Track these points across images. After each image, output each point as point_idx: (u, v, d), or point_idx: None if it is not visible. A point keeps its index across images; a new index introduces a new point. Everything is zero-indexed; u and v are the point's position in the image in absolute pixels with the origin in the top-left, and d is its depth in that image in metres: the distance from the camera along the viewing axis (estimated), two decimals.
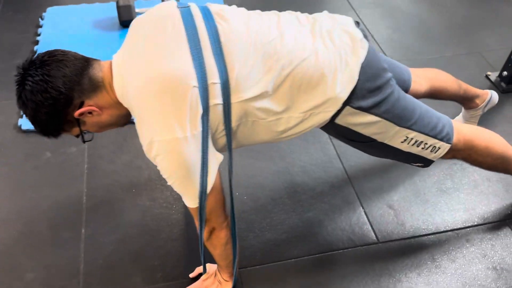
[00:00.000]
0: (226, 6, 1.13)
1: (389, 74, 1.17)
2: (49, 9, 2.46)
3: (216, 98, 1.00)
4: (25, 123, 1.83)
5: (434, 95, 1.61)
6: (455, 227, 1.54)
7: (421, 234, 1.52)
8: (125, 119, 1.12)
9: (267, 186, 1.66)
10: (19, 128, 1.83)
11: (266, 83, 1.04)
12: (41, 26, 2.34)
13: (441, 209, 1.60)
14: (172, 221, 1.54)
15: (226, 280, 1.33)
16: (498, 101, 2.00)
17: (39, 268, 1.40)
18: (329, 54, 1.09)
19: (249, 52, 1.03)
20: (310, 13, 1.23)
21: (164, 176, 1.04)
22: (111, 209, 1.57)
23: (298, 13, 1.20)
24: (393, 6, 2.64)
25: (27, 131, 1.81)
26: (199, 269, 1.39)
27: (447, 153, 1.28)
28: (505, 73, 2.07)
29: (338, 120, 1.14)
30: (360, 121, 1.15)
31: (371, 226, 1.54)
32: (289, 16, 1.16)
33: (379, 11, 2.59)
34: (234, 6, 1.15)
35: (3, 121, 1.87)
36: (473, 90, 1.75)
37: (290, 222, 1.55)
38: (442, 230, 1.53)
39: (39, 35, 2.28)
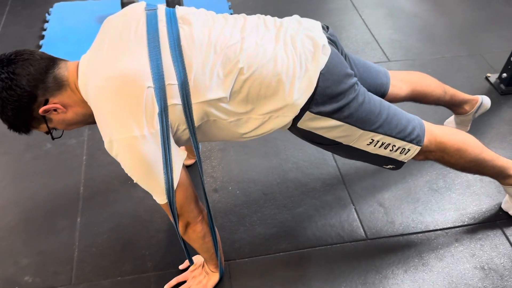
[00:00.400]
0: (193, 10, 1.16)
1: (353, 80, 1.17)
2: (56, 5, 2.52)
3: (174, 98, 1.03)
4: None
5: (417, 99, 1.60)
6: (445, 227, 1.55)
7: (410, 232, 1.53)
8: (92, 117, 1.12)
9: (259, 181, 1.69)
10: None
11: (226, 86, 1.07)
12: (47, 21, 2.40)
13: (431, 208, 1.60)
14: (164, 213, 1.55)
15: (213, 271, 1.36)
16: (497, 102, 2.00)
17: (34, 254, 1.45)
18: (288, 60, 1.10)
19: (209, 56, 1.06)
20: (311, 13, 1.25)
21: (128, 174, 1.06)
22: (107, 199, 1.61)
23: (268, 17, 1.21)
24: (396, 7, 2.64)
25: None
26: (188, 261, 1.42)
27: (418, 155, 1.29)
28: (504, 75, 2.06)
29: (300, 124, 1.16)
30: (322, 125, 1.17)
31: (361, 223, 1.56)
32: (257, 21, 1.17)
33: (382, 12, 2.60)
34: (202, 10, 1.18)
35: None
36: (461, 96, 1.70)
37: (281, 217, 1.57)
38: (431, 229, 1.54)
39: (45, 30, 2.34)
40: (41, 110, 1.05)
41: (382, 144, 1.23)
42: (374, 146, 1.23)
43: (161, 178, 1.05)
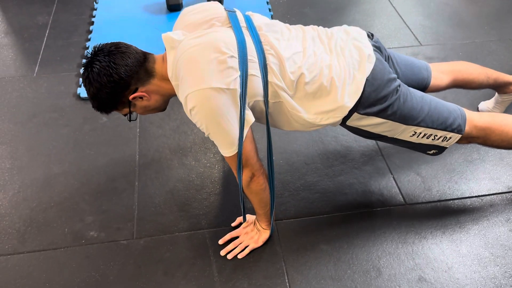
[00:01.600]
0: (263, 19, 1.32)
1: (395, 83, 1.31)
2: None
3: (254, 70, 1.18)
4: (84, 92, 2.02)
5: (459, 86, 1.69)
6: (480, 194, 1.63)
7: (447, 198, 1.62)
8: (165, 104, 1.34)
9: (301, 152, 1.80)
10: (78, 96, 2.03)
11: (290, 82, 1.22)
12: (95, 9, 2.55)
13: (467, 178, 1.69)
14: (215, 178, 1.69)
15: (264, 229, 1.47)
16: None
17: (98, 212, 1.58)
18: (340, 69, 1.27)
19: (280, 56, 1.22)
20: (345, 1, 1.36)
21: (200, 127, 1.19)
22: (161, 167, 1.74)
23: (320, 28, 1.37)
24: None
25: (85, 99, 2.01)
26: (240, 219, 1.53)
27: (461, 140, 1.40)
28: None
29: (349, 123, 1.33)
30: (368, 123, 1.32)
31: (399, 190, 1.65)
32: (312, 33, 1.34)
33: (413, 0, 2.69)
34: (269, 19, 1.33)
35: (63, 90, 2.07)
36: (506, 77, 1.78)
37: (322, 184, 1.68)
38: (467, 196, 1.63)
39: (94, 17, 2.49)
40: (131, 96, 1.22)
41: (425, 135, 1.36)
42: (417, 137, 1.36)
43: (231, 130, 1.17)
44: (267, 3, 2.61)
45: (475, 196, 1.63)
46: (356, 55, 1.29)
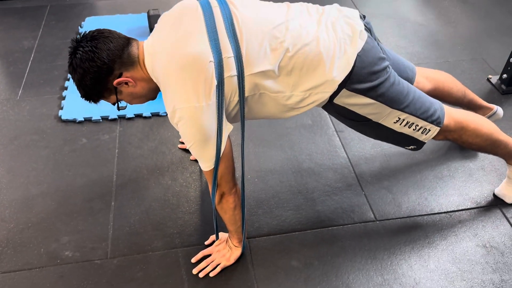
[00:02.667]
0: None
1: (385, 63, 1.32)
2: (87, 19, 2.75)
3: (230, 71, 1.19)
4: (65, 114, 2.07)
5: (438, 97, 1.70)
6: (449, 210, 1.67)
7: (416, 214, 1.66)
8: (154, 93, 1.32)
9: (276, 170, 1.84)
10: (59, 118, 2.07)
11: (273, 61, 1.22)
12: (80, 33, 2.62)
13: (436, 194, 1.73)
14: (190, 197, 1.72)
15: (236, 246, 1.50)
16: (498, 101, 2.13)
17: (73, 232, 1.61)
18: (329, 42, 1.25)
19: (257, 34, 1.21)
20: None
21: (184, 140, 1.23)
22: (138, 186, 1.77)
23: (309, 4, 1.36)
24: (402, 17, 2.81)
25: (66, 121, 2.05)
26: (213, 237, 1.56)
27: (438, 134, 1.43)
28: (504, 76, 2.20)
29: (336, 100, 1.31)
30: (356, 102, 1.31)
31: (370, 206, 1.69)
32: (299, 7, 1.33)
33: (389, 22, 2.77)
34: None
35: (45, 112, 2.11)
36: (479, 102, 1.84)
37: (295, 201, 1.71)
38: (436, 211, 1.67)
39: None
40: (115, 82, 1.22)
41: (407, 123, 1.37)
42: (400, 124, 1.37)
43: (212, 146, 1.21)
44: None
45: (444, 212, 1.66)
46: (348, 30, 1.28)
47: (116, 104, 1.31)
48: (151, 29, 2.56)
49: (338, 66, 1.25)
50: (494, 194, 1.71)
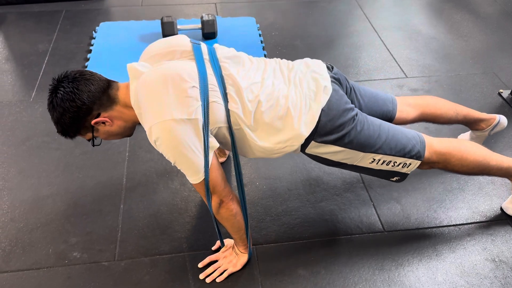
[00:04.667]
0: (227, 50, 1.37)
1: (352, 113, 1.36)
2: (102, 24, 2.79)
3: (216, 97, 1.23)
4: None
5: (427, 120, 1.72)
6: (458, 223, 1.66)
7: (425, 226, 1.65)
8: (130, 131, 1.37)
9: (284, 178, 1.84)
10: None
11: (248, 113, 1.28)
12: (94, 38, 2.66)
13: (445, 206, 1.72)
14: (198, 202, 1.73)
15: (242, 252, 1.50)
16: (509, 116, 2.11)
17: (82, 234, 1.62)
18: (297, 99, 1.32)
19: (240, 83, 1.29)
20: (335, 34, 1.43)
21: (166, 156, 1.23)
22: (147, 190, 1.78)
23: (283, 61, 1.44)
24: (414, 29, 2.82)
25: None
26: (219, 243, 1.56)
27: (422, 165, 1.44)
28: None
29: (308, 150, 1.38)
30: (327, 151, 1.37)
31: (378, 217, 1.68)
32: (274, 65, 1.40)
33: (400, 34, 2.78)
34: (232, 50, 1.38)
35: None
36: (476, 115, 1.80)
37: (304, 210, 1.71)
38: (445, 224, 1.66)
39: (92, 45, 2.59)
40: (93, 121, 1.26)
41: (384, 161, 1.40)
42: (377, 164, 1.40)
43: (195, 158, 1.21)
44: (259, 35, 2.71)
45: (453, 225, 1.65)
46: (313, 86, 1.35)
47: (92, 141, 1.34)
48: (164, 36, 2.60)
49: (305, 121, 1.32)
50: (501, 208, 1.69)
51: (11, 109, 2.17)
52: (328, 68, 1.44)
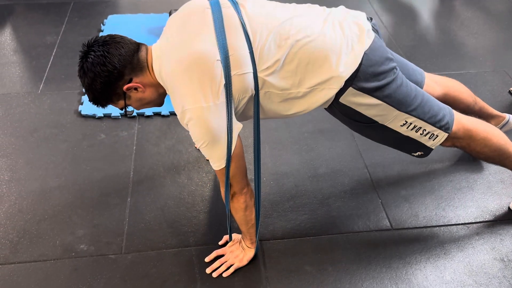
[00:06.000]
0: None
1: (393, 64, 1.31)
2: (110, 17, 2.78)
3: (238, 69, 1.18)
4: (85, 109, 2.09)
5: (448, 103, 1.65)
6: (467, 221, 1.65)
7: (433, 225, 1.64)
8: (161, 98, 1.33)
9: (292, 174, 1.83)
10: (79, 113, 2.09)
11: (279, 58, 1.21)
12: (102, 31, 2.65)
13: (454, 205, 1.70)
14: (206, 197, 1.72)
15: (248, 247, 1.49)
16: None
17: (89, 226, 1.62)
18: (336, 38, 1.24)
19: (263, 31, 1.22)
20: None
21: (194, 140, 1.22)
22: (154, 184, 1.78)
23: (316, 5, 1.36)
24: (423, 26, 2.79)
25: (85, 116, 2.07)
26: (226, 237, 1.56)
27: (446, 141, 1.40)
28: None
29: (342, 99, 1.29)
30: (362, 102, 1.29)
31: (386, 214, 1.67)
32: (306, 8, 1.33)
33: (410, 30, 2.75)
34: None
35: (65, 107, 2.14)
36: (490, 110, 1.80)
37: (311, 206, 1.70)
38: (453, 223, 1.64)
39: None
40: (125, 87, 1.23)
41: (414, 126, 1.34)
42: (407, 128, 1.35)
43: (221, 145, 1.21)
44: None
45: (462, 224, 1.64)
46: (356, 29, 1.28)
47: (124, 109, 1.31)
48: None
49: (345, 62, 1.24)
50: (509, 208, 1.68)
51: (19, 101, 2.17)
52: (367, 18, 1.37)
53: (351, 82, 1.25)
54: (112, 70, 1.19)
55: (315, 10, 1.33)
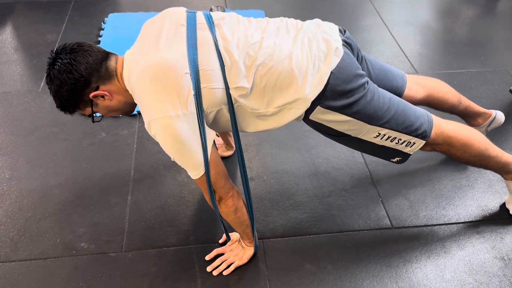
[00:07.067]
0: (223, 15, 1.32)
1: (363, 80, 1.30)
2: (110, 15, 2.78)
3: (209, 82, 1.18)
4: None
5: (432, 104, 1.69)
6: (467, 220, 1.65)
7: (433, 223, 1.64)
8: (130, 107, 1.32)
9: (292, 173, 1.83)
10: None
11: (248, 78, 1.22)
12: (103, 29, 2.65)
13: (454, 204, 1.70)
14: None
15: (248, 246, 1.49)
16: None
17: (89, 225, 1.62)
18: (302, 58, 1.25)
19: (233, 52, 1.22)
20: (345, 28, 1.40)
21: (165, 151, 1.21)
22: (154, 182, 1.78)
23: (290, 19, 1.36)
24: (424, 24, 2.79)
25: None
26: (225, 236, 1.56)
27: (425, 146, 1.40)
28: None
29: (312, 117, 1.31)
30: (331, 119, 1.31)
31: (387, 213, 1.67)
32: (279, 23, 1.33)
33: (411, 29, 2.75)
34: (231, 13, 1.34)
35: None
36: (476, 108, 1.78)
37: (311, 205, 1.70)
38: (454, 221, 1.64)
39: (100, 36, 2.59)
40: (91, 95, 1.23)
41: (389, 137, 1.35)
42: (381, 139, 1.35)
43: (194, 154, 1.19)
44: None
45: (462, 222, 1.64)
46: (324, 47, 1.27)
47: (91, 116, 1.31)
48: None
49: (311, 83, 1.24)
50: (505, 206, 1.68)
51: (19, 99, 2.18)
52: (340, 31, 1.37)
53: (318, 101, 1.26)
54: (79, 77, 1.19)
55: (288, 26, 1.33)
